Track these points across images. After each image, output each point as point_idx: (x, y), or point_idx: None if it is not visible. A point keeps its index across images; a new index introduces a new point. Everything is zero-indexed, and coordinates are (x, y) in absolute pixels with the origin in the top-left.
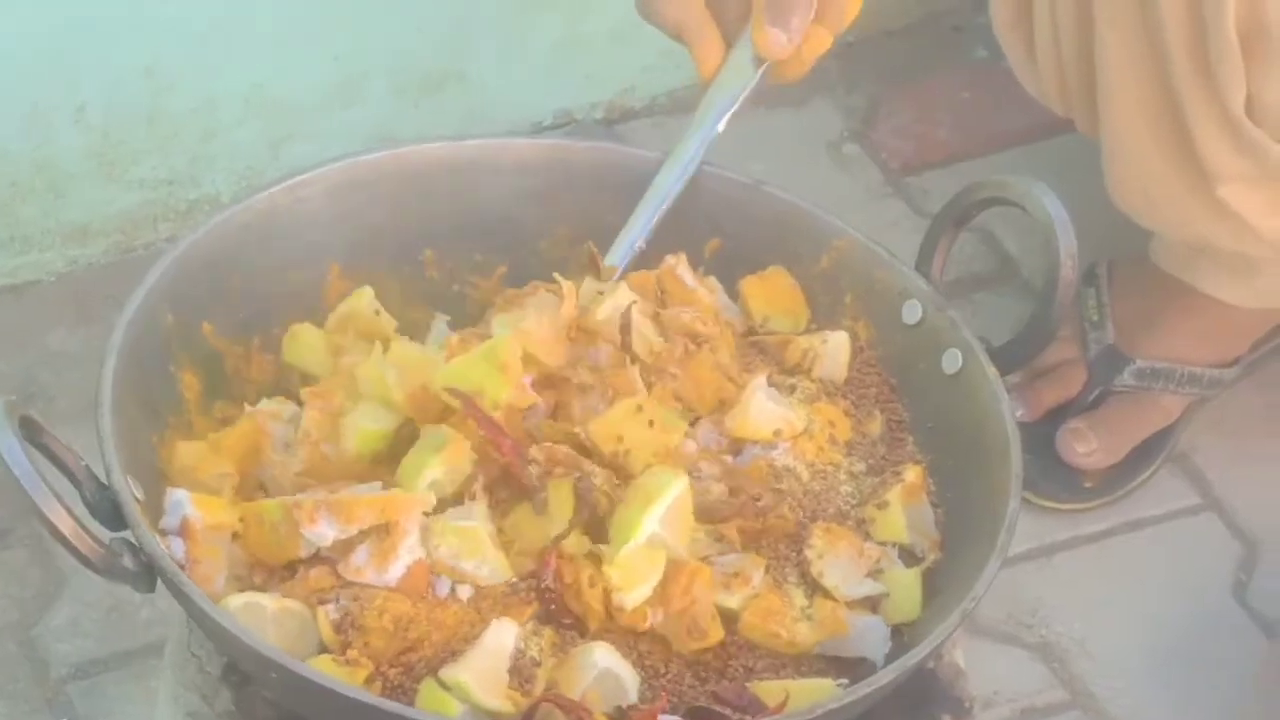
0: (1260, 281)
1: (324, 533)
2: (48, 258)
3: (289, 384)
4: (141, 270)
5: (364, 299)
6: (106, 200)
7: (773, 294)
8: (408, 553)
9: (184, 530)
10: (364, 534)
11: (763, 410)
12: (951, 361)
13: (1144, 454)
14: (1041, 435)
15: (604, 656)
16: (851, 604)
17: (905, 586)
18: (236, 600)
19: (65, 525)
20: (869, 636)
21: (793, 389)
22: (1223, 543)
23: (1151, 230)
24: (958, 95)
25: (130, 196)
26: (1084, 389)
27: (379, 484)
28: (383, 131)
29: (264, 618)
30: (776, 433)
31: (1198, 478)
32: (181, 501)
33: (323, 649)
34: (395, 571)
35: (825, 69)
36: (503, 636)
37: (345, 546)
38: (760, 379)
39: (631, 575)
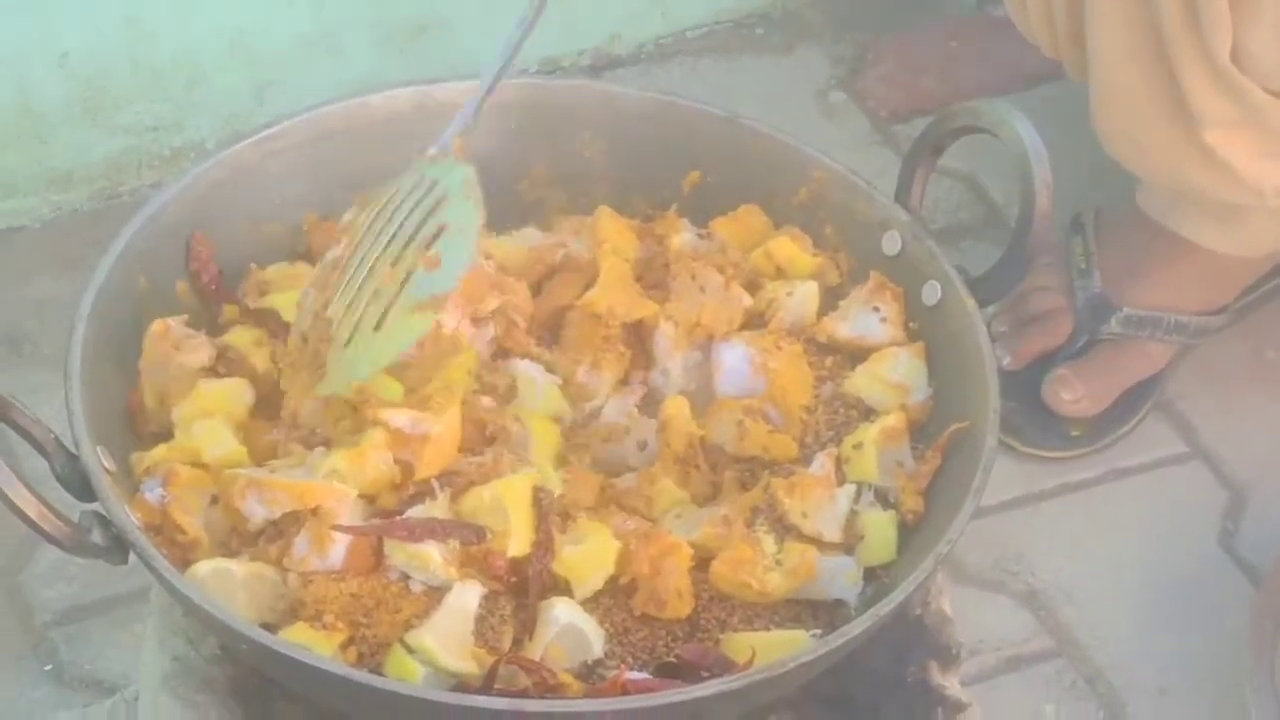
0: (1246, 229)
1: (255, 510)
2: (32, 204)
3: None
4: (125, 218)
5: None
6: (90, 146)
7: (744, 232)
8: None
9: (167, 479)
10: (297, 519)
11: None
12: (931, 293)
13: (1130, 402)
14: (1028, 383)
15: (565, 611)
16: (824, 546)
17: (880, 528)
18: (204, 567)
19: (30, 507)
20: (839, 578)
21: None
22: (1209, 491)
23: (1138, 176)
24: (945, 44)
25: (114, 142)
26: (1071, 337)
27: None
28: (366, 78)
29: (233, 583)
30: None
31: (1184, 426)
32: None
33: (296, 612)
34: (336, 555)
35: (811, 18)
36: (466, 598)
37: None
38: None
39: (581, 569)
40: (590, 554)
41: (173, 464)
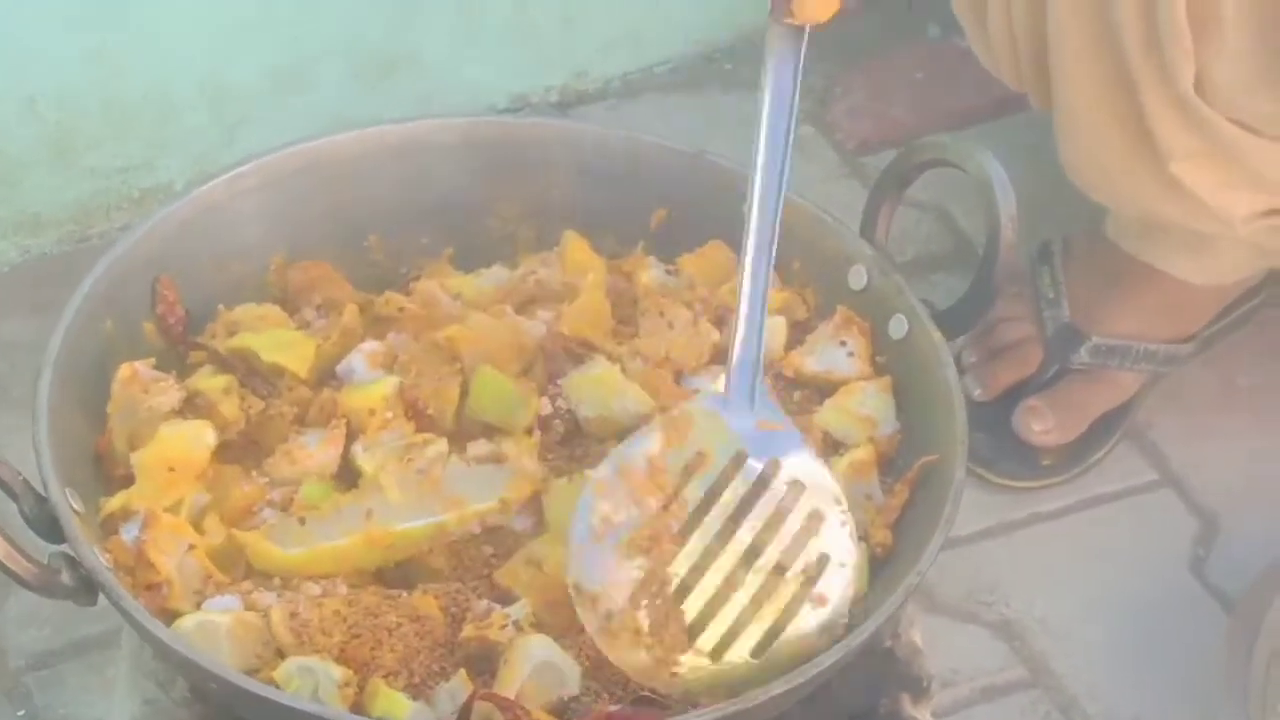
0: (1214, 258)
1: None
2: (1, 248)
3: (231, 366)
4: (95, 260)
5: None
6: (59, 189)
7: (711, 269)
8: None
9: (146, 523)
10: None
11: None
12: (898, 327)
13: (1101, 431)
14: (999, 414)
15: (541, 649)
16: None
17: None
18: (189, 621)
19: None
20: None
21: None
22: (1180, 518)
23: (1106, 206)
24: (912, 74)
25: (83, 185)
26: (1041, 367)
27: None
28: (337, 116)
29: (218, 634)
30: None
31: (1155, 454)
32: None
33: (280, 655)
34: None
35: None
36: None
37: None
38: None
39: None
40: None
41: (154, 510)
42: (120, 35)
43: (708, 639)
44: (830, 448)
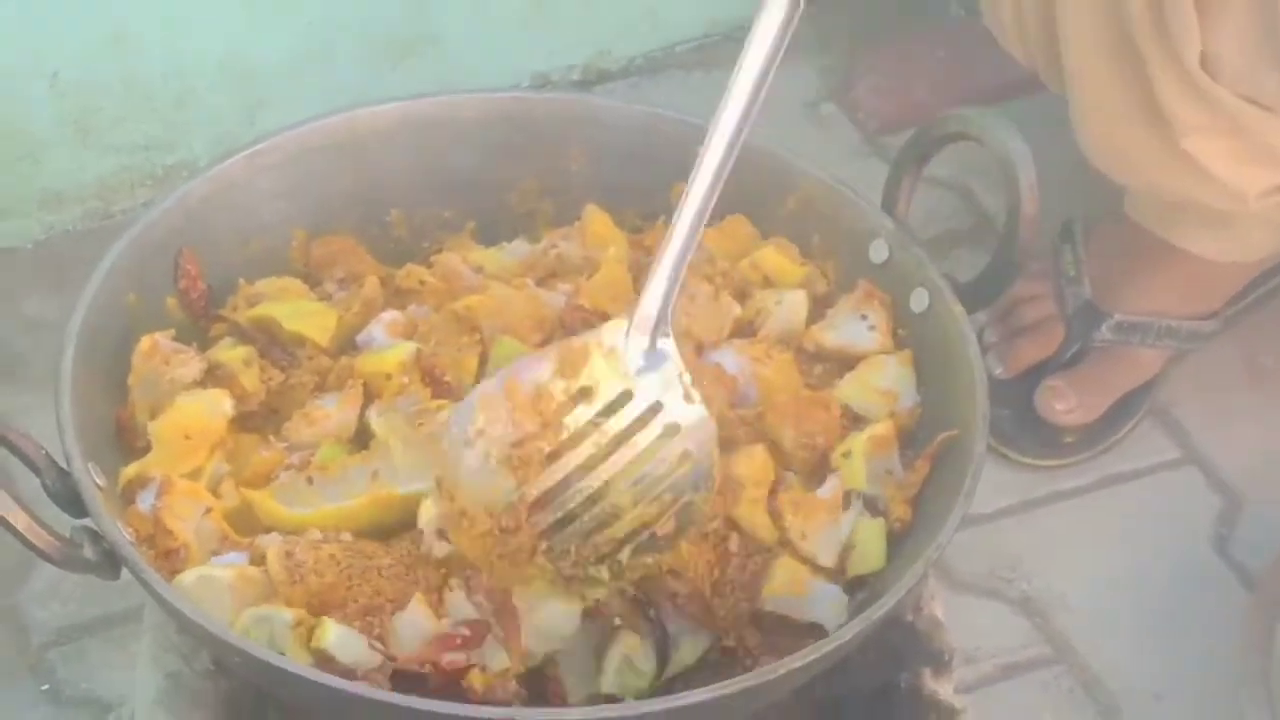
0: (1235, 235)
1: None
2: (25, 225)
3: (251, 338)
4: (116, 237)
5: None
6: (82, 167)
7: (731, 242)
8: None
9: (162, 489)
10: None
11: None
12: (919, 300)
13: (1123, 409)
14: (1021, 392)
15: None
16: (816, 569)
17: (869, 537)
18: (189, 575)
19: (19, 521)
20: (824, 604)
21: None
22: (1203, 496)
23: (1123, 184)
24: (934, 54)
25: (106, 162)
26: (1062, 345)
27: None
28: (357, 95)
29: (219, 588)
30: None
31: (1178, 432)
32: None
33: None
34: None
35: (800, 30)
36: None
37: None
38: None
39: None
40: None
41: (170, 476)
42: (141, 15)
43: (574, 549)
44: (851, 422)
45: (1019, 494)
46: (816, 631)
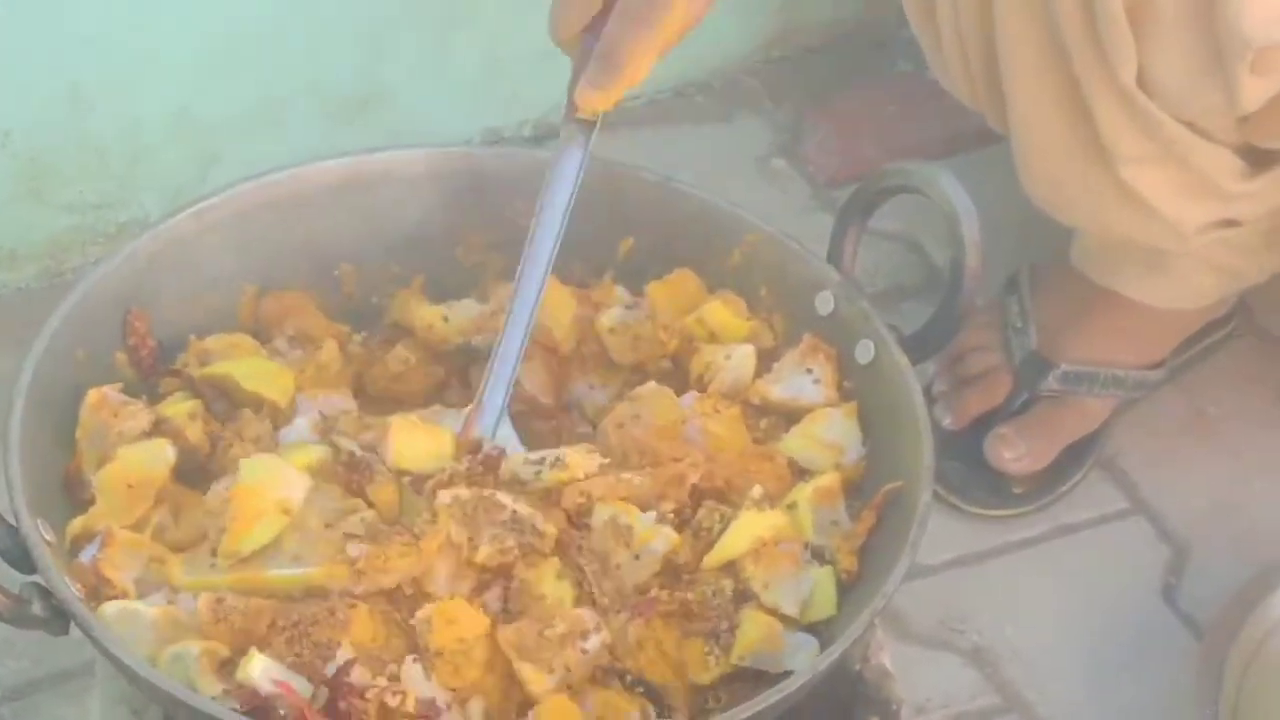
0: (1173, 280)
1: None
2: None
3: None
4: (65, 296)
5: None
6: (34, 225)
7: (678, 296)
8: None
9: (104, 541)
10: None
11: None
12: (865, 352)
13: (1072, 458)
14: (970, 443)
15: None
16: (780, 619)
17: (821, 584)
18: (111, 607)
19: None
20: (800, 653)
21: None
22: (1151, 546)
23: (1067, 225)
24: (883, 109)
25: (59, 221)
26: (1010, 396)
27: None
28: (311, 152)
29: (141, 623)
30: None
31: (1125, 483)
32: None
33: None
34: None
35: (751, 86)
36: None
37: None
38: None
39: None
40: None
41: (111, 527)
42: (94, 73)
43: None
44: (797, 474)
45: (968, 545)
46: (775, 680)
